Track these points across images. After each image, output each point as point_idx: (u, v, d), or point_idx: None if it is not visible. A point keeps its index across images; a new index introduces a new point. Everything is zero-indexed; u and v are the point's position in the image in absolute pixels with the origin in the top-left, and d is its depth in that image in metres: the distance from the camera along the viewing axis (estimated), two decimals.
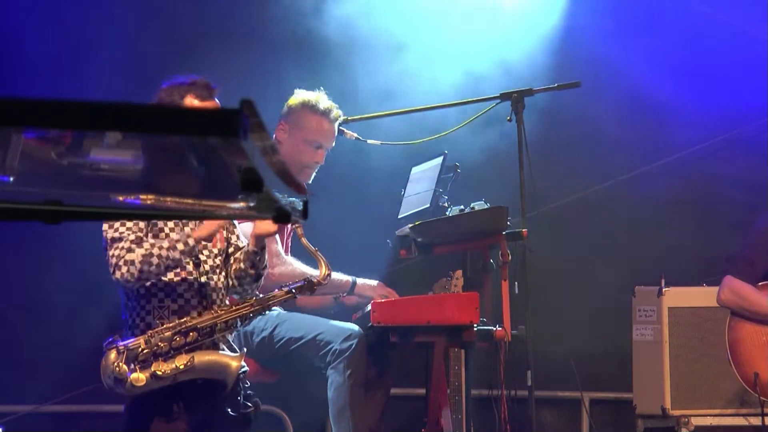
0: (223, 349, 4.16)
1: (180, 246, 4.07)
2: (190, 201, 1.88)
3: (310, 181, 5.42)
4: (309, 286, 4.34)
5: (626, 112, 6.67)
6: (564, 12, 6.57)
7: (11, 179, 1.78)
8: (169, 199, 1.87)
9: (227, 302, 4.22)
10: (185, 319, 4.06)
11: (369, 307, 4.92)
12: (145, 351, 3.98)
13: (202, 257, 4.21)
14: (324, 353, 5.06)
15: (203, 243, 4.17)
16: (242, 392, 4.26)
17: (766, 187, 6.06)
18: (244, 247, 4.31)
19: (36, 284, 6.29)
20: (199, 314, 4.09)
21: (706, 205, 6.63)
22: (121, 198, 1.87)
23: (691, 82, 6.56)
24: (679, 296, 5.83)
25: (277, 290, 4.29)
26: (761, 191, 6.06)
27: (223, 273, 4.27)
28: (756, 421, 5.50)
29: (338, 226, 6.06)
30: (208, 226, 4.14)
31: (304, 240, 4.41)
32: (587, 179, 6.68)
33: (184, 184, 1.84)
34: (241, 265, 4.28)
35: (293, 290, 4.31)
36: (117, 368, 3.92)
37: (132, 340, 4.00)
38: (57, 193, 1.80)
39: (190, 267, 4.16)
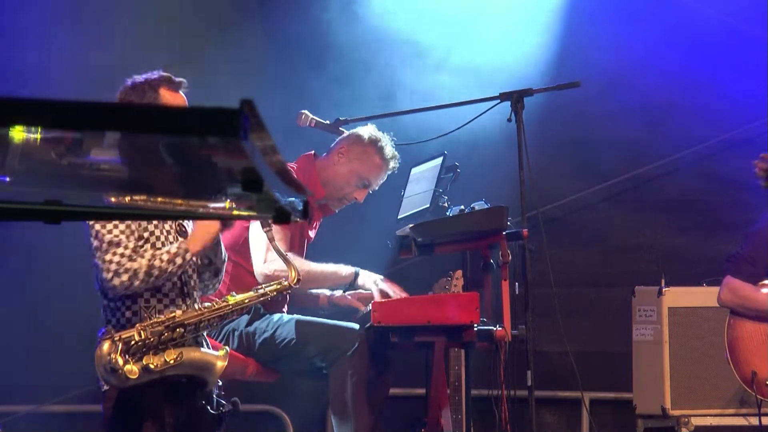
0: (203, 347, 4.15)
1: (179, 260, 4.07)
2: (179, 201, 1.87)
3: (336, 211, 5.51)
4: (282, 288, 4.30)
5: (626, 112, 6.66)
6: (564, 12, 6.56)
7: (10, 179, 1.78)
8: (159, 199, 1.86)
9: (205, 303, 4.19)
10: (174, 314, 4.04)
11: (369, 307, 4.93)
12: (137, 343, 3.97)
13: None
14: (325, 353, 5.07)
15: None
16: (216, 391, 4.24)
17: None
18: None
19: (36, 284, 6.29)
20: (184, 311, 4.08)
21: (707, 205, 6.62)
22: (113, 199, 1.86)
23: (691, 82, 6.56)
24: (679, 296, 5.83)
25: (251, 292, 4.25)
26: (761, 191, 6.04)
27: (197, 271, 4.26)
28: (756, 420, 5.50)
29: (338, 226, 6.05)
30: (201, 238, 4.14)
31: (274, 244, 4.33)
32: (587, 179, 6.68)
33: (174, 183, 1.83)
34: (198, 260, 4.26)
35: (267, 292, 4.27)
36: (112, 359, 3.91)
37: (125, 331, 3.98)
38: (57, 193, 1.80)
39: None
